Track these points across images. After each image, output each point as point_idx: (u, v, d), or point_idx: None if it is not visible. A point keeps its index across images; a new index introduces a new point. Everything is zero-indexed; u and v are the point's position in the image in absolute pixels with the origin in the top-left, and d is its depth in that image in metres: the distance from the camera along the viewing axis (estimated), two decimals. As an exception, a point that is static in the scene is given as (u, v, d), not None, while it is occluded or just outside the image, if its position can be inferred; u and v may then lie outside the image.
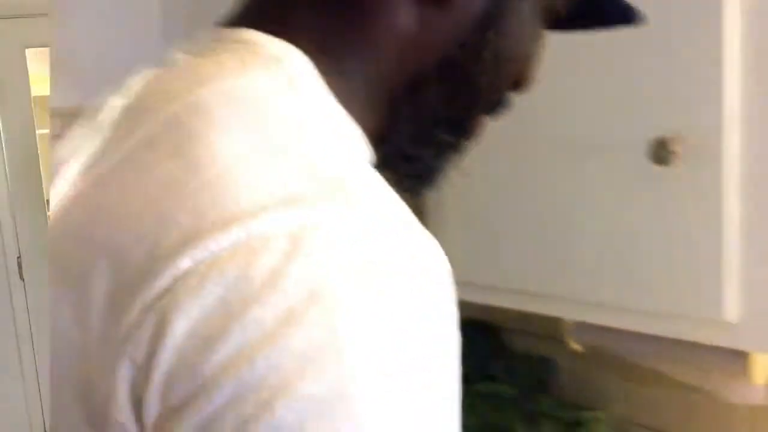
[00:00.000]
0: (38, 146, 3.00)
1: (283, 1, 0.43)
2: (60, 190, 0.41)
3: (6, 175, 2.93)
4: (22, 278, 2.97)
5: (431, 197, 0.99)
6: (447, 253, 0.36)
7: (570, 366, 1.25)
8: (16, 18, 2.88)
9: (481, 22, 0.44)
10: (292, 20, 0.42)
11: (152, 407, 0.30)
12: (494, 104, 0.50)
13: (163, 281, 0.30)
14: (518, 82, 0.50)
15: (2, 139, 2.93)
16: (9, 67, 2.90)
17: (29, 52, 2.97)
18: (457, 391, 0.33)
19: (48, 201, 3.03)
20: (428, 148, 0.47)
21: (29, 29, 2.91)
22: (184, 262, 0.30)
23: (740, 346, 0.78)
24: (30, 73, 2.96)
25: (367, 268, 0.31)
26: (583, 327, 1.09)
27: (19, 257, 2.96)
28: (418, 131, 0.46)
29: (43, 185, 3.02)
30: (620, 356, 1.14)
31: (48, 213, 3.04)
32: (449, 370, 0.32)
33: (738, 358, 0.85)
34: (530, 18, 0.47)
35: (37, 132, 2.99)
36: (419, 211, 0.40)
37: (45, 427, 3.07)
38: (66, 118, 1.37)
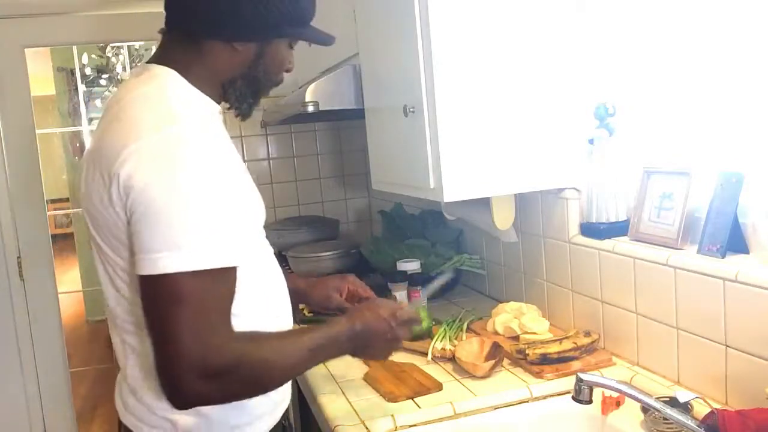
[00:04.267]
0: (38, 146, 3.01)
1: (166, 49, 1.16)
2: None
3: (6, 175, 2.93)
4: (22, 278, 2.98)
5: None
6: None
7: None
8: (16, 18, 2.88)
9: (256, 55, 1.16)
10: (168, 58, 1.14)
11: (123, 205, 1.00)
12: (272, 85, 1.23)
13: (117, 162, 0.99)
14: (284, 72, 1.23)
15: (2, 139, 2.93)
16: (9, 67, 2.90)
17: (29, 52, 2.97)
18: (209, 185, 0.99)
19: (48, 201, 3.04)
20: (244, 102, 1.20)
21: (29, 29, 2.92)
22: (122, 155, 0.99)
23: (434, 198, 1.62)
24: (30, 73, 2.96)
25: (178, 155, 0.99)
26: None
27: (19, 257, 2.97)
28: (238, 96, 1.19)
29: (43, 185, 3.02)
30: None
31: (48, 213, 3.05)
32: (205, 180, 0.99)
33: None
34: (279, 51, 1.18)
35: (36, 132, 2.99)
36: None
37: (45, 427, 3.08)
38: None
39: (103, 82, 5.58)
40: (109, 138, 1.03)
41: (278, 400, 1.24)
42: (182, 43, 1.14)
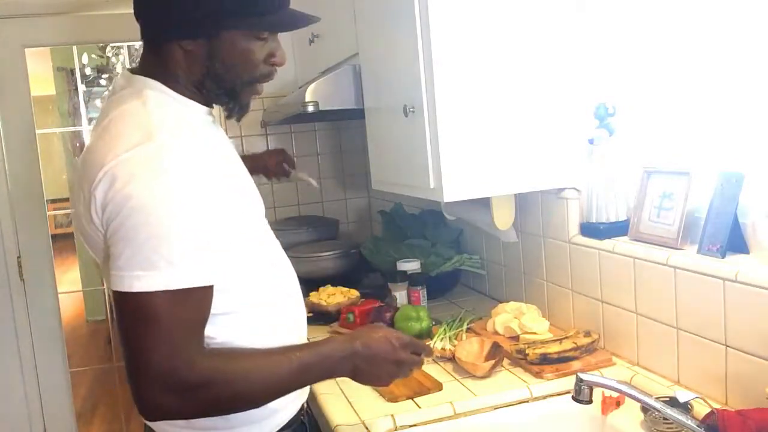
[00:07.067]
0: (38, 146, 3.00)
1: (145, 63, 1.13)
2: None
3: (6, 175, 2.93)
4: (22, 278, 2.98)
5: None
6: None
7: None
8: (16, 18, 2.88)
9: (208, 53, 1.09)
10: (147, 68, 1.11)
11: (101, 221, 0.99)
12: (250, 81, 1.13)
13: (94, 182, 0.98)
14: (272, 63, 1.14)
15: (2, 139, 2.93)
16: (9, 67, 2.90)
17: (29, 52, 2.97)
18: (180, 211, 0.96)
19: (48, 201, 3.04)
20: (223, 103, 1.16)
21: (29, 29, 2.92)
22: (98, 175, 0.97)
23: (434, 198, 1.62)
24: (30, 73, 2.96)
25: (153, 169, 0.96)
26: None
27: (19, 257, 2.97)
28: (214, 98, 1.15)
29: (43, 185, 3.02)
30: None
31: (48, 213, 3.05)
32: (177, 204, 0.95)
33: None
34: (236, 44, 1.09)
35: (36, 132, 2.99)
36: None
37: (45, 427, 3.08)
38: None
39: (103, 82, 5.58)
40: (91, 157, 1.02)
41: (293, 395, 1.21)
42: (152, 52, 1.12)
